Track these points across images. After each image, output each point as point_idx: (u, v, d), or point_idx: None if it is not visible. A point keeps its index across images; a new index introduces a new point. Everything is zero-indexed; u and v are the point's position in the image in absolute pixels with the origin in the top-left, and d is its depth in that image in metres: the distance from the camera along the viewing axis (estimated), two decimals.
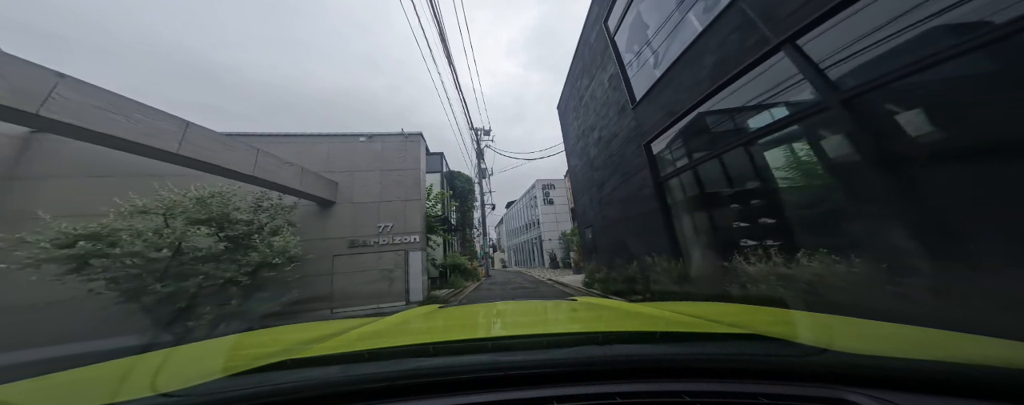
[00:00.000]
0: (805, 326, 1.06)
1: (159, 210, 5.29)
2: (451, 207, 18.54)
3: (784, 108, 3.75)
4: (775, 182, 4.00)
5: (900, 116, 2.66)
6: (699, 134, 5.46)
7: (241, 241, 5.71)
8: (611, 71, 8.81)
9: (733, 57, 4.27)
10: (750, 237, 4.34)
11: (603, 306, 1.77)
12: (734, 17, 4.28)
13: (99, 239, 4.53)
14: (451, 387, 0.64)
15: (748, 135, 4.26)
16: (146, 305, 4.86)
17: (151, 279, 4.68)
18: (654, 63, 6.77)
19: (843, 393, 0.57)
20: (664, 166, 6.47)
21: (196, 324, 5.04)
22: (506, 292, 10.52)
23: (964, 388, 0.54)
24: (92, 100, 4.10)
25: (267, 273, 5.94)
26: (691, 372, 0.65)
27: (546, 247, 28.46)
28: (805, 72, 3.36)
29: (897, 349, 0.74)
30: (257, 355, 1.00)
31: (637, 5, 7.52)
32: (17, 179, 6.98)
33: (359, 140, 9.63)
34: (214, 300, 5.22)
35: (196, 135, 5.27)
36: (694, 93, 5.10)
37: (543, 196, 31.19)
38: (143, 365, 0.93)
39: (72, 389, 0.79)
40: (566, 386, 0.63)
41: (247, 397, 0.59)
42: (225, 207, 5.76)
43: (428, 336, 1.16)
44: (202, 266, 5.13)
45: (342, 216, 8.94)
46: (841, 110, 2.98)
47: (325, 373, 0.70)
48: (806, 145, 3.62)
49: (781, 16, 3.57)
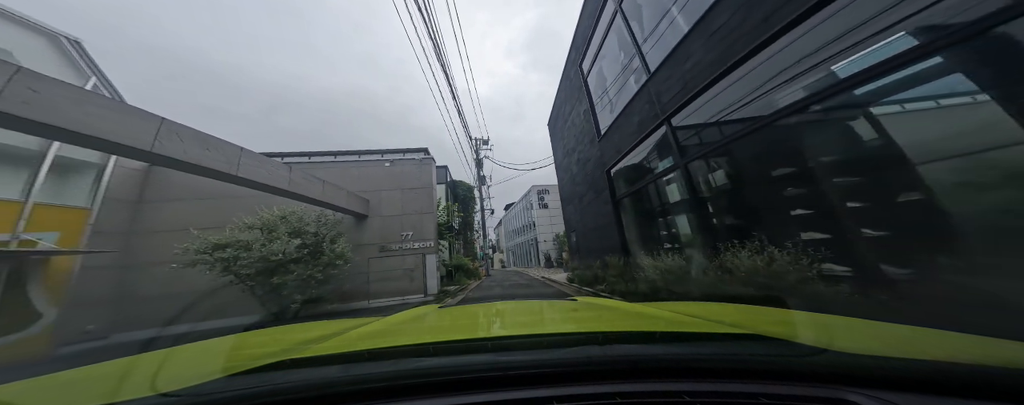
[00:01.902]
0: (805, 326, 1.06)
1: (258, 225, 7.59)
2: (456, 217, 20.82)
3: (669, 160, 6.06)
4: (675, 205, 6.30)
5: (713, 172, 4.98)
6: (636, 168, 7.78)
7: (315, 248, 8.00)
8: (585, 106, 11.07)
9: (647, 120, 6.57)
10: (668, 241, 6.62)
11: (603, 306, 1.77)
12: (644, 95, 6.60)
13: (233, 247, 6.80)
14: (451, 387, 0.64)
15: (655, 174, 6.58)
16: (258, 294, 7.15)
17: (266, 275, 6.96)
18: (611, 108, 9.07)
19: (843, 393, 0.57)
20: (619, 188, 8.76)
21: (289, 305, 7.33)
22: (504, 287, 12.57)
23: (964, 388, 0.54)
24: (189, 137, 6.20)
25: (331, 271, 8.22)
26: (691, 372, 0.65)
27: (542, 248, 30.75)
28: (674, 140, 5.67)
29: (897, 349, 0.74)
30: (257, 355, 1.02)
31: (599, 61, 9.85)
32: (144, 202, 9.40)
33: (385, 164, 11.96)
34: (300, 290, 7.50)
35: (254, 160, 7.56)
36: (630, 139, 7.40)
37: (538, 201, 33.53)
38: (143, 365, 0.95)
39: (72, 389, 0.80)
40: (566, 386, 0.63)
41: (247, 397, 0.60)
42: (300, 223, 8.05)
43: (428, 336, 1.17)
44: (293, 266, 7.40)
45: (373, 227, 11.26)
46: (684, 170, 5.32)
47: (325, 373, 0.71)
48: (681, 185, 5.91)
49: (666, 100, 5.87)
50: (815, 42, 3.26)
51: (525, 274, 21.73)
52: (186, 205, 9.55)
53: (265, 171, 6.22)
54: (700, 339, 0.93)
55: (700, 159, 5.13)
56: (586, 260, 11.22)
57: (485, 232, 27.90)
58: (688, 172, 5.38)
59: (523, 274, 22.07)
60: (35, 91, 3.20)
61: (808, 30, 3.34)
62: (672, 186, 6.27)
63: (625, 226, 8.47)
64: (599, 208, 9.98)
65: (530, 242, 35.45)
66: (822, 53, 3.19)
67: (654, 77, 6.24)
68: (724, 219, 4.98)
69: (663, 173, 6.27)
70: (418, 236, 11.52)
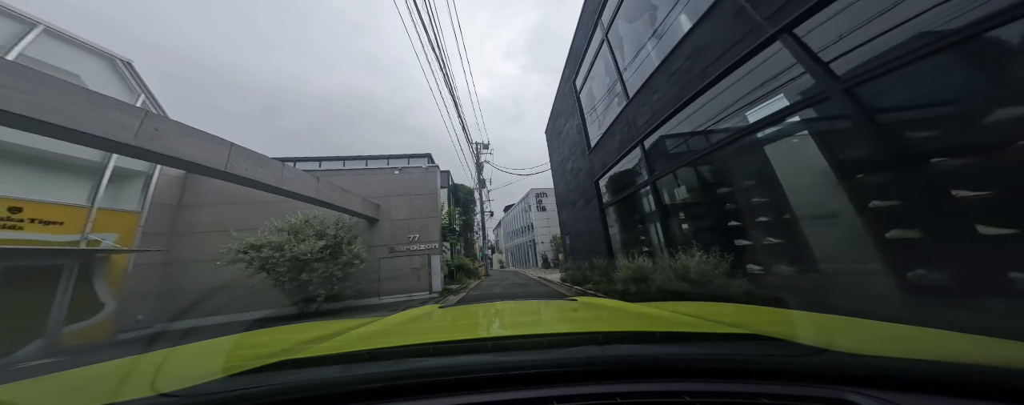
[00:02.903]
0: (805, 326, 1.07)
1: (285, 228, 8.65)
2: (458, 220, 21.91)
3: (643, 175, 7.13)
4: (648, 215, 7.36)
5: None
6: (617, 180, 8.85)
7: (335, 248, 9.05)
8: (577, 120, 12.11)
9: (626, 140, 7.63)
10: (644, 246, 7.67)
11: (603, 306, 1.79)
12: (623, 118, 7.67)
13: (267, 248, 7.85)
14: (451, 387, 0.64)
15: (633, 187, 7.65)
16: (287, 289, 8.20)
17: (295, 272, 8.01)
18: (599, 124, 10.13)
19: (843, 393, 0.57)
20: (605, 197, 9.82)
21: (314, 299, 8.38)
22: (504, 286, 13.51)
23: (964, 388, 0.54)
24: (248, 157, 7.35)
25: (349, 269, 9.27)
26: (691, 372, 0.66)
27: (539, 249, 31.79)
28: (645, 160, 6.73)
29: (897, 349, 0.74)
30: (257, 355, 1.03)
31: (590, 81, 10.92)
32: (184, 206, 10.51)
33: (394, 172, 13.04)
34: (323, 285, 8.55)
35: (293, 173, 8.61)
36: (613, 155, 8.47)
37: (536, 204, 34.61)
38: (143, 365, 0.95)
39: (72, 389, 0.80)
40: (566, 386, 0.63)
41: (247, 397, 0.60)
42: (321, 226, 9.11)
43: (428, 336, 1.18)
44: (317, 264, 8.45)
45: (384, 229, 12.31)
46: (652, 186, 6.40)
47: (325, 373, 0.72)
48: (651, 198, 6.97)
49: (640, 124, 6.92)
50: (739, 92, 4.34)
51: (523, 274, 22.71)
52: (218, 209, 10.65)
53: (301, 183, 7.30)
54: (700, 339, 0.94)
55: (666, 176, 6.20)
56: (577, 261, 12.24)
57: (485, 234, 28.92)
58: (656, 188, 6.45)
59: (520, 274, 23.07)
60: (156, 129, 4.27)
61: (730, 84, 4.42)
62: (646, 198, 7.35)
63: (610, 231, 9.54)
64: (589, 214, 11.02)
65: (528, 243, 36.49)
66: (744, 100, 4.27)
67: (631, 103, 7.32)
68: (681, 228, 6.04)
69: (639, 187, 7.34)
70: (424, 238, 12.58)
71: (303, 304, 8.45)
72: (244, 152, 5.68)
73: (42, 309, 6.58)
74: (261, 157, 6.03)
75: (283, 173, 6.55)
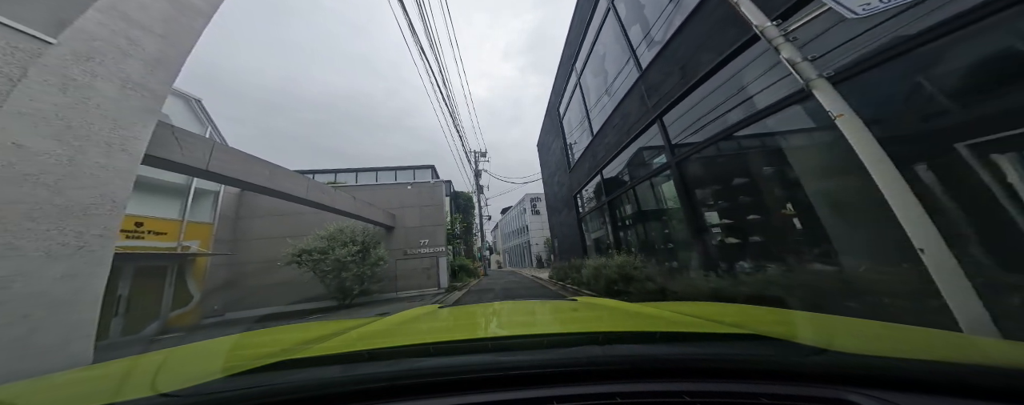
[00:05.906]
0: (805, 326, 1.07)
1: (325, 236, 10.94)
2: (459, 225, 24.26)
3: (603, 196, 9.47)
4: (607, 224, 9.68)
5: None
6: (587, 196, 11.20)
7: (364, 252, 11.33)
8: (561, 143, 14.39)
9: (592, 167, 9.94)
10: (613, 247, 9.97)
11: (603, 306, 1.79)
12: (590, 150, 10.00)
13: (316, 252, 10.14)
14: (451, 387, 0.65)
15: (598, 203, 10.00)
16: (329, 285, 10.48)
17: (336, 271, 10.30)
18: (578, 146, 12.45)
19: (843, 393, 0.57)
20: (581, 208, 12.15)
21: (351, 293, 10.68)
22: (502, 285, 15.23)
23: (964, 388, 0.54)
24: (314, 185, 9.68)
25: (375, 269, 11.54)
26: (691, 372, 0.66)
27: (534, 250, 34.12)
28: (602, 185, 9.08)
29: (897, 349, 0.75)
30: (257, 355, 1.04)
31: (569, 112, 13.26)
32: (240, 218, 12.83)
33: (407, 187, 15.37)
34: (357, 282, 10.82)
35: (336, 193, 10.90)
36: (585, 177, 10.80)
37: (531, 208, 36.96)
38: (143, 365, 0.95)
39: (72, 389, 0.80)
40: (566, 386, 0.63)
41: (247, 397, 0.61)
42: (352, 234, 11.39)
43: (428, 336, 1.18)
44: (352, 265, 10.71)
45: (399, 236, 14.60)
46: (607, 205, 8.77)
47: (325, 373, 0.72)
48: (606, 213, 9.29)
49: (599, 158, 9.24)
50: (652, 143, 6.67)
51: (518, 273, 25.13)
52: (267, 220, 12.96)
53: (342, 200, 9.59)
54: (700, 339, 0.93)
55: (617, 198, 8.55)
56: (562, 261, 14.55)
57: (483, 236, 31.16)
58: (610, 205, 8.81)
59: (516, 273, 25.49)
60: (221, 158, 5.87)
61: (647, 140, 6.77)
62: (604, 213, 9.72)
63: (585, 236, 11.87)
64: (570, 221, 13.31)
65: (524, 245, 38.78)
66: (652, 152, 6.61)
67: (594, 139, 9.67)
68: (627, 235, 8.38)
69: (600, 205, 9.68)
70: (432, 243, 14.88)
71: (341, 296, 10.74)
72: (312, 183, 7.97)
73: (156, 299, 8.84)
74: (317, 183, 8.32)
75: (335, 194, 8.82)
